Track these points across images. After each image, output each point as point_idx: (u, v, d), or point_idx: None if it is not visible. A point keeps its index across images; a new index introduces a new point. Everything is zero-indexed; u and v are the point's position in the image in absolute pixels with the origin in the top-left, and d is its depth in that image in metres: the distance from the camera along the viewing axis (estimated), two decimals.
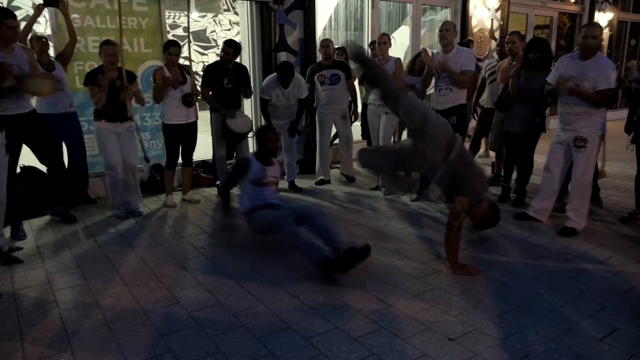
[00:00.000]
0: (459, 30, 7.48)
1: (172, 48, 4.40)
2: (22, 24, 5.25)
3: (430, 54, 4.65)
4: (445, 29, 4.44)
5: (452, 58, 4.42)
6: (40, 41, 4.19)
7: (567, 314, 2.69)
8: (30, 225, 4.11)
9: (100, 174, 4.69)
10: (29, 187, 4.23)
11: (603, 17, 9.92)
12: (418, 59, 5.52)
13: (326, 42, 5.20)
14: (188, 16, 4.87)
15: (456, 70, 4.38)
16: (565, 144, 3.86)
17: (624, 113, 4.64)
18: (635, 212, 4.19)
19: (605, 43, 10.01)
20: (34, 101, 3.86)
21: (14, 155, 3.79)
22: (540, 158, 4.50)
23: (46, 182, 4.19)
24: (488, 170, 5.76)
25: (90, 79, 4.10)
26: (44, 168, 4.17)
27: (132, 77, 4.30)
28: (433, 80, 4.68)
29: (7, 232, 3.82)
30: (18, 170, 3.94)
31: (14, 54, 3.61)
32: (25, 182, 4.27)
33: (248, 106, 5.86)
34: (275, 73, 4.99)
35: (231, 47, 4.77)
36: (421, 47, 7.25)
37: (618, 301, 2.85)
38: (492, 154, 6.01)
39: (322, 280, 3.05)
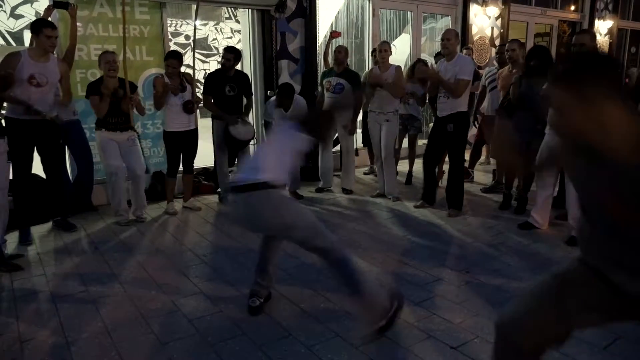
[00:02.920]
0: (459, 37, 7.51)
1: (169, 60, 4.46)
2: (26, 32, 5.30)
3: (430, 65, 4.66)
4: (447, 39, 4.42)
5: (451, 66, 4.44)
6: None
7: None
8: (32, 232, 4.10)
9: (101, 181, 4.68)
10: (30, 194, 4.23)
11: (603, 25, 9.95)
12: (417, 66, 5.52)
13: (338, 49, 5.14)
14: (195, 25, 4.89)
15: (452, 78, 4.37)
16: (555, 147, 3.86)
17: None
18: None
19: (605, 51, 10.04)
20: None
21: (27, 160, 3.82)
22: None
23: (46, 190, 4.19)
24: (489, 177, 5.76)
25: (92, 89, 4.14)
26: (43, 175, 4.17)
27: (132, 87, 4.33)
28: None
29: (8, 238, 3.83)
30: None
31: (46, 65, 3.72)
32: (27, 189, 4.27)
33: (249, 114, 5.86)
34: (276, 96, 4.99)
35: (231, 53, 4.80)
36: (422, 55, 7.30)
37: None
38: (493, 161, 6.02)
39: (323, 287, 3.04)
